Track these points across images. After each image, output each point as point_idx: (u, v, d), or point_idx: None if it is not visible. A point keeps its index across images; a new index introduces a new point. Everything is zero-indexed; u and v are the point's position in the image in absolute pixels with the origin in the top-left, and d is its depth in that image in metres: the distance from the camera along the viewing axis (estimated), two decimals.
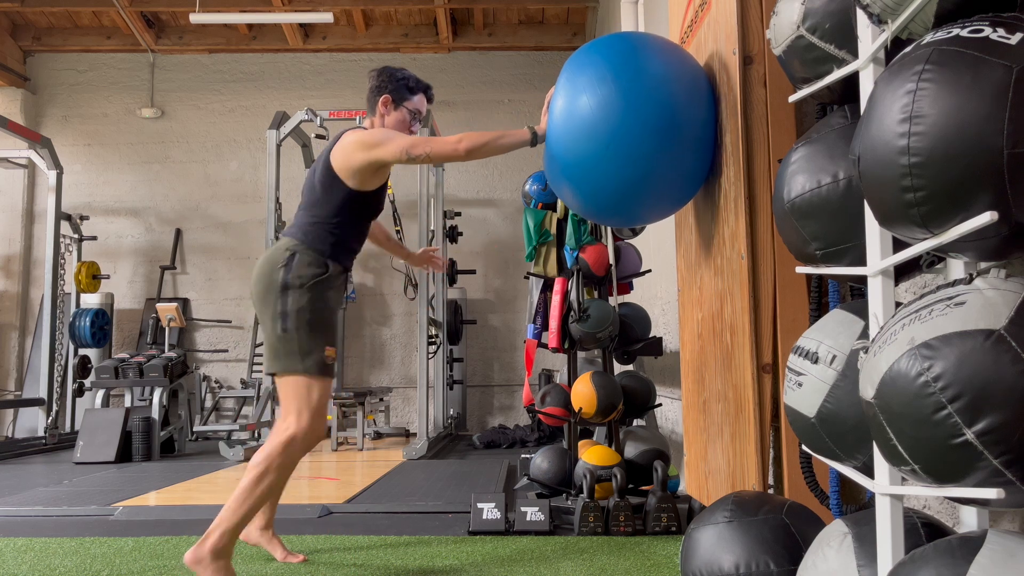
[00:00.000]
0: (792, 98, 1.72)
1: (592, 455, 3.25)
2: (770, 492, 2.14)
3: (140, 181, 8.26)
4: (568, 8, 7.80)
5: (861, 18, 1.41)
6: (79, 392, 7.08)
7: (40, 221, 8.06)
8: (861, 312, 1.50)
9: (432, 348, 6.49)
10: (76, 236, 7.39)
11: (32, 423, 7.29)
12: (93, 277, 7.36)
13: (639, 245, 4.08)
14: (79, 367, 7.08)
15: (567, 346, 3.65)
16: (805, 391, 1.50)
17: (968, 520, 1.39)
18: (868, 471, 1.41)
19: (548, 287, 3.79)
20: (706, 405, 2.67)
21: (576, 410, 3.44)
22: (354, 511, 3.48)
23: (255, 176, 8.19)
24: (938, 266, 1.49)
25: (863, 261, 1.44)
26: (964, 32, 1.11)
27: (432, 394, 6.41)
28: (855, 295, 1.77)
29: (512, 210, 8.12)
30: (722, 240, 2.43)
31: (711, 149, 2.48)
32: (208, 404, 7.75)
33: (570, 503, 3.33)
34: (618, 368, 4.44)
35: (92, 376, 6.86)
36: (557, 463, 3.48)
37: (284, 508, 3.51)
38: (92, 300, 7.39)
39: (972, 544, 1.09)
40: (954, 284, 1.16)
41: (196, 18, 6.98)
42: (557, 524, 3.05)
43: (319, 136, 6.08)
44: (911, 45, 1.20)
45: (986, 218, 1.06)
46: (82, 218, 7.45)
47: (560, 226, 3.78)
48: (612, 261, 3.65)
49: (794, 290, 2.14)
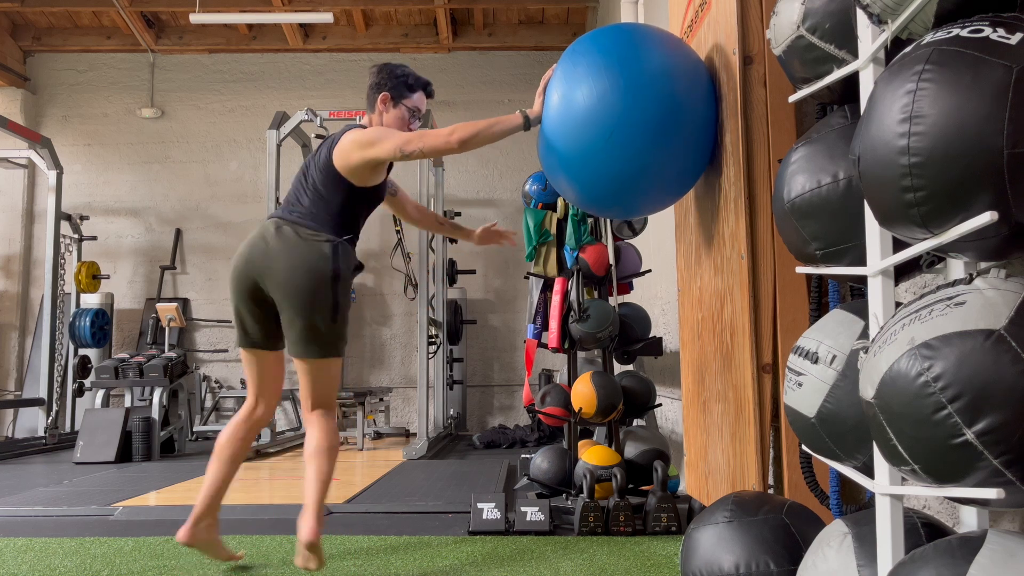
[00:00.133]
0: (792, 98, 1.72)
1: (592, 455, 3.25)
2: (770, 492, 2.14)
3: (140, 181, 8.26)
4: (568, 8, 7.80)
5: (861, 18, 1.41)
6: (79, 392, 7.08)
7: (40, 221, 8.06)
8: (861, 312, 1.50)
9: (432, 348, 6.49)
10: (76, 236, 7.39)
11: (32, 423, 7.29)
12: (93, 277, 7.36)
13: (639, 245, 4.08)
14: (79, 367, 7.08)
15: (567, 346, 3.65)
16: (805, 391, 1.50)
17: (968, 520, 1.39)
18: (868, 471, 1.41)
19: (548, 287, 3.79)
20: (706, 405, 2.67)
21: (576, 410, 3.44)
22: (354, 511, 3.47)
23: (255, 176, 8.19)
24: (938, 266, 1.49)
25: (863, 261, 1.44)
26: (964, 32, 1.11)
27: (432, 394, 6.41)
28: (855, 295, 1.77)
29: (512, 210, 8.12)
30: (722, 240, 2.43)
31: (711, 140, 2.48)
32: (208, 404, 7.76)
33: (570, 503, 3.32)
34: (618, 368, 4.44)
35: (92, 376, 6.86)
36: (557, 463, 3.48)
37: (284, 508, 3.51)
38: (92, 300, 7.39)
39: (972, 544, 1.09)
40: (954, 284, 1.16)
41: (196, 18, 6.98)
42: (557, 524, 3.05)
43: (319, 136, 6.07)
44: (911, 45, 1.20)
45: (986, 218, 1.06)
46: (82, 218, 7.45)
47: (560, 226, 3.78)
48: (612, 261, 3.65)
49: (794, 290, 2.14)
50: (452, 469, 4.87)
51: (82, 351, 7.28)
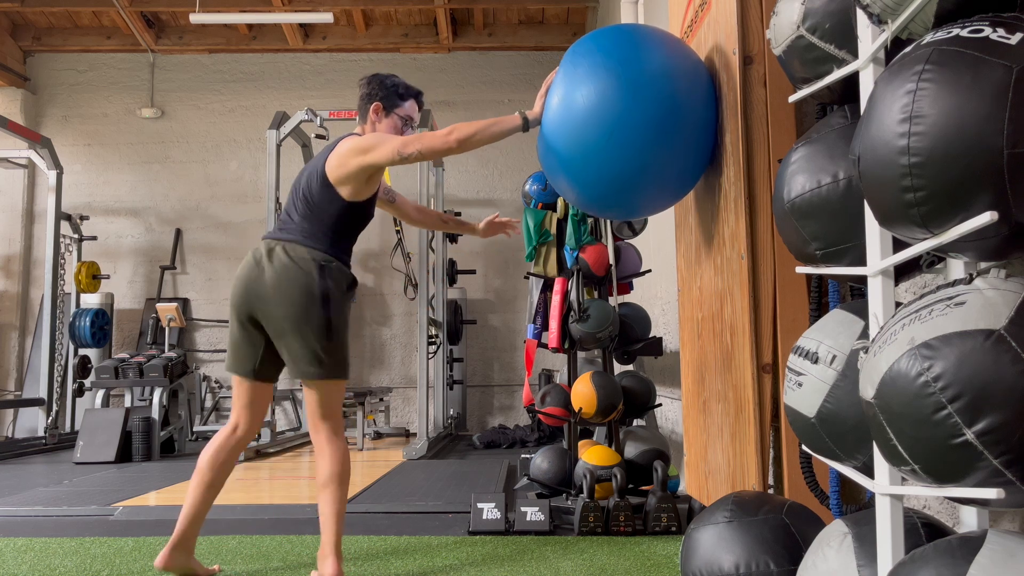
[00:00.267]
0: (792, 98, 1.72)
1: (592, 455, 3.25)
2: (770, 492, 2.14)
3: (140, 181, 8.26)
4: (568, 8, 7.80)
5: (861, 18, 1.41)
6: (79, 392, 7.08)
7: (40, 221, 8.06)
8: (861, 312, 1.50)
9: (432, 348, 6.49)
10: (76, 236, 7.39)
11: (32, 423, 7.29)
12: (93, 277, 7.36)
13: (639, 245, 4.08)
14: (79, 367, 7.08)
15: (567, 346, 3.65)
16: (805, 391, 1.50)
17: (968, 520, 1.39)
18: (868, 471, 1.41)
19: (548, 287, 3.79)
20: (706, 405, 2.67)
21: (576, 410, 3.44)
22: (354, 511, 3.47)
23: (255, 176, 8.19)
24: (938, 266, 1.49)
25: (863, 261, 1.44)
26: (964, 32, 1.11)
27: (432, 394, 6.41)
28: (855, 295, 1.77)
29: (512, 210, 8.12)
30: (722, 240, 2.43)
31: (711, 141, 2.48)
32: (208, 404, 7.75)
33: (570, 503, 3.32)
34: (618, 368, 4.44)
35: (92, 376, 6.85)
36: (557, 463, 3.48)
37: (284, 508, 3.52)
38: (92, 300, 7.39)
39: (972, 544, 1.09)
40: (954, 284, 1.16)
41: (196, 18, 6.98)
42: (557, 524, 3.05)
43: (319, 136, 6.07)
44: (911, 45, 1.20)
45: (986, 218, 1.06)
46: (82, 218, 7.45)
47: (560, 226, 3.78)
48: (612, 261, 3.65)
49: (794, 290, 2.14)
50: (452, 469, 4.87)
51: (82, 351, 7.28)
